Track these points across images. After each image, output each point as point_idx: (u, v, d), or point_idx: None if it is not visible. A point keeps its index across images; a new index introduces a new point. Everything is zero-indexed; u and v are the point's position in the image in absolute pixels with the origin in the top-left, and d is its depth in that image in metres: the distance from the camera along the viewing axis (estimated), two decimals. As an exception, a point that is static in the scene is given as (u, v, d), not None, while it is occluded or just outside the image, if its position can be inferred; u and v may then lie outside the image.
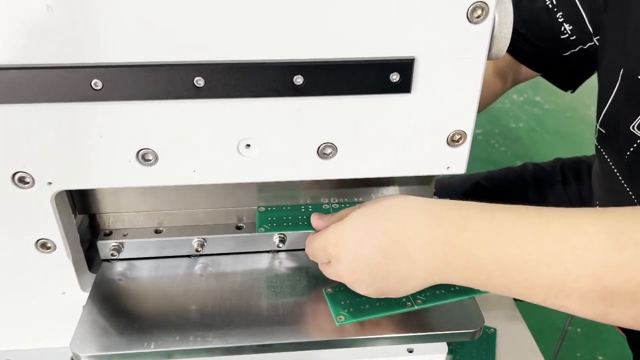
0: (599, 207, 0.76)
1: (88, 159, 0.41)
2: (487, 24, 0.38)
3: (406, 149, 0.43)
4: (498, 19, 0.39)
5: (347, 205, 0.52)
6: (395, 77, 0.39)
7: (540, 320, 1.30)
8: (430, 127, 0.42)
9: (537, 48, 0.71)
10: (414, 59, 0.39)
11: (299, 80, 0.39)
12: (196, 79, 0.38)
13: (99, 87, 0.37)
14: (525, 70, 0.76)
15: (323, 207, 0.52)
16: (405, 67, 0.39)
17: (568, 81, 0.77)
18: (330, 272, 0.45)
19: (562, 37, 0.68)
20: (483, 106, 0.75)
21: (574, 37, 0.68)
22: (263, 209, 0.52)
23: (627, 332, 0.79)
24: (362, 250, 0.42)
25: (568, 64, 0.72)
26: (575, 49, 0.69)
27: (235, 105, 0.40)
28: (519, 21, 0.69)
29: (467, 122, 0.42)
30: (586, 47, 0.68)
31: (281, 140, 0.42)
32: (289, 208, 0.52)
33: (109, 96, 0.38)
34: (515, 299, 0.64)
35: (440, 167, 0.44)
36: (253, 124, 0.41)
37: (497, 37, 0.39)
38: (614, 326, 0.84)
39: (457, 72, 0.40)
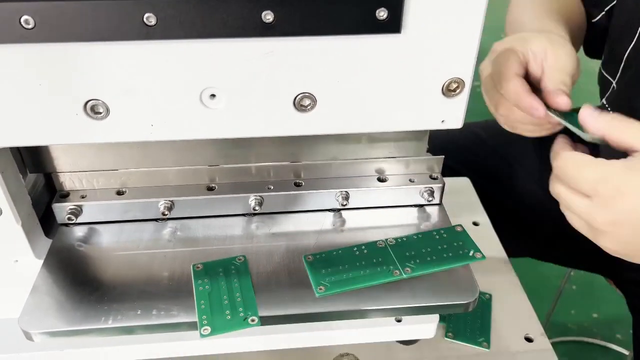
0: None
1: (27, 111, 0.35)
2: (492, -52, 0.32)
3: (395, 100, 0.38)
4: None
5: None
6: (382, 13, 0.33)
7: (536, 278, 1.27)
8: (423, 74, 0.36)
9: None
10: (404, -9, 0.33)
11: (268, 17, 0.33)
12: (146, 15, 0.32)
13: (30, 26, 0.32)
14: None
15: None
16: (394, 1, 0.33)
17: (596, 49, 0.71)
18: (578, 205, 0.38)
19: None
20: None
21: None
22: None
23: (626, 293, 0.76)
24: None
25: (597, 31, 0.68)
26: (603, 10, 0.66)
27: (195, 47, 0.34)
28: None
29: (465, 69, 0.37)
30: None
31: (251, 90, 0.36)
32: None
33: (43, 36, 0.32)
34: (511, 263, 0.60)
35: (434, 121, 0.39)
36: (217, 70, 0.35)
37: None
38: (610, 284, 0.81)
39: (456, 9, 0.34)
